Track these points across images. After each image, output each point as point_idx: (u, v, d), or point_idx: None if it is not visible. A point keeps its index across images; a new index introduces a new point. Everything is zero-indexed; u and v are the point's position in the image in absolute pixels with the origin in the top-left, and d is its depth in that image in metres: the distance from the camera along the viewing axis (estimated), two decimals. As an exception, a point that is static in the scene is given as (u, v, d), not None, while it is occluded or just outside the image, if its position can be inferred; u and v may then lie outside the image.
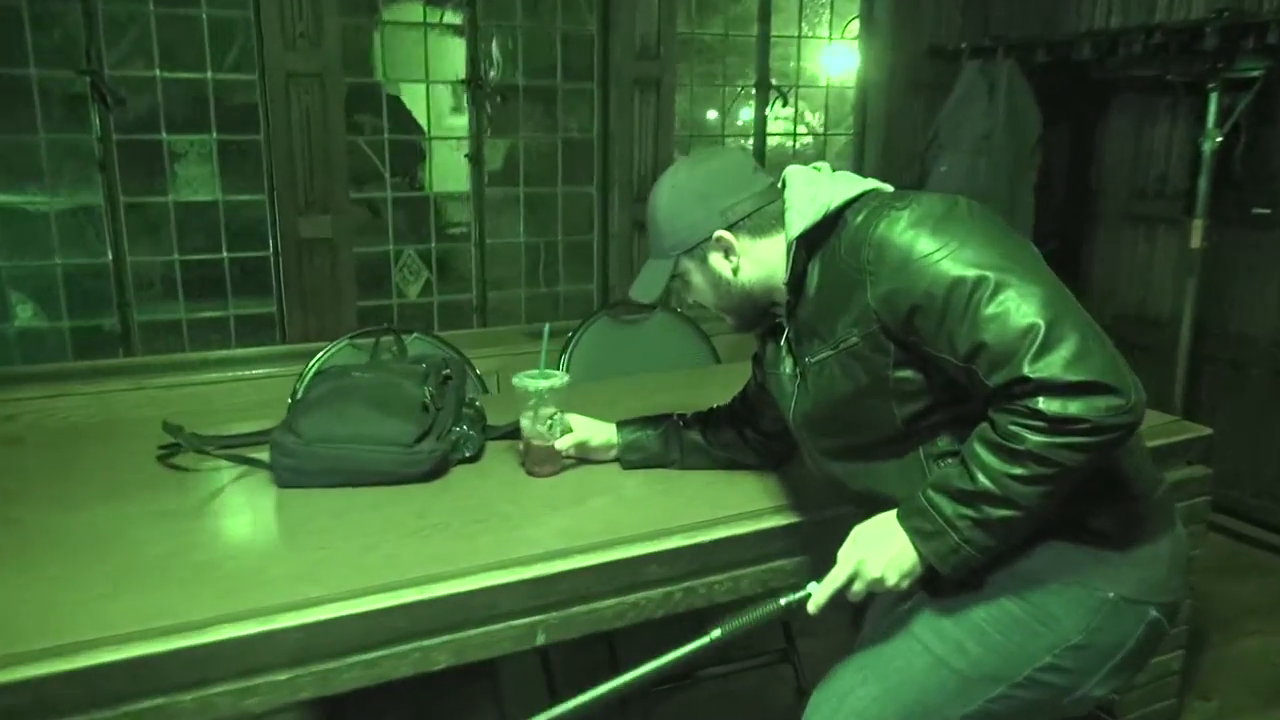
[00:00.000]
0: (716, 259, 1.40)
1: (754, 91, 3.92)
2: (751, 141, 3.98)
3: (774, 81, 3.91)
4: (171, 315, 3.07)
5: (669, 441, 1.76)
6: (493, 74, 3.43)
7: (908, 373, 1.27)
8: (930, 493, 1.23)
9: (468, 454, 1.79)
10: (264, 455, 1.71)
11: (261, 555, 1.44)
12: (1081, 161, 3.78)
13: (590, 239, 3.76)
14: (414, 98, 3.38)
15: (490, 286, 3.58)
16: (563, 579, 1.42)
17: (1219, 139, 3.04)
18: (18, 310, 2.87)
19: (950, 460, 1.28)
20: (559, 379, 1.73)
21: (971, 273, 1.16)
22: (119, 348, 2.98)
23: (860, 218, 1.29)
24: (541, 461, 1.73)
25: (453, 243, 3.55)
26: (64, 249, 2.90)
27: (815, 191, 1.35)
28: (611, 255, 3.71)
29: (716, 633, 1.16)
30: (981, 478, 1.17)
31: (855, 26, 3.99)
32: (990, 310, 1.14)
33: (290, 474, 1.67)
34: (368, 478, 1.66)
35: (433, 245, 3.47)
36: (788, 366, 1.46)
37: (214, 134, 3.01)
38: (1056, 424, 1.10)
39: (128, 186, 2.93)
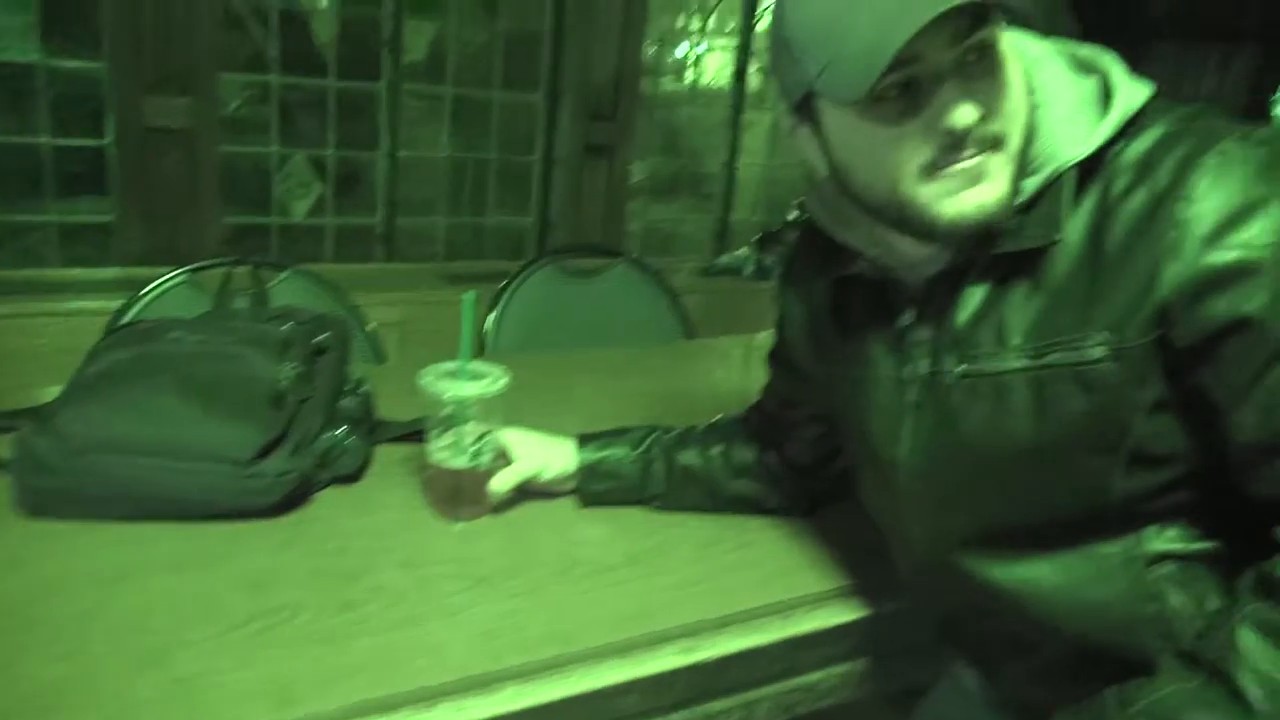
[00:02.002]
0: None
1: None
2: (736, 55, 3.32)
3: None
4: (-33, 215, 2.32)
5: (650, 467, 1.19)
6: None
7: (1163, 424, 0.75)
8: (1169, 705, 0.71)
9: (343, 471, 1.18)
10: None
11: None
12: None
13: (530, 161, 3.14)
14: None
15: (401, 210, 2.92)
16: (486, 730, 0.85)
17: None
18: None
19: (1172, 569, 0.78)
20: (494, 380, 1.12)
21: None
22: (-113, 253, 2.23)
23: (1149, 142, 0.74)
24: (459, 501, 1.13)
25: (356, 150, 2.87)
26: None
27: (1088, 85, 0.78)
28: (555, 184, 3.10)
29: None
30: (1261, 700, 0.66)
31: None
32: None
33: (44, 498, 1.04)
34: (178, 510, 1.05)
35: (329, 152, 2.81)
36: (887, 366, 0.89)
37: (32, -29, 2.26)
38: None
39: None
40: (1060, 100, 0.77)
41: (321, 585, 0.97)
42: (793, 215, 3.06)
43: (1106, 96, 0.77)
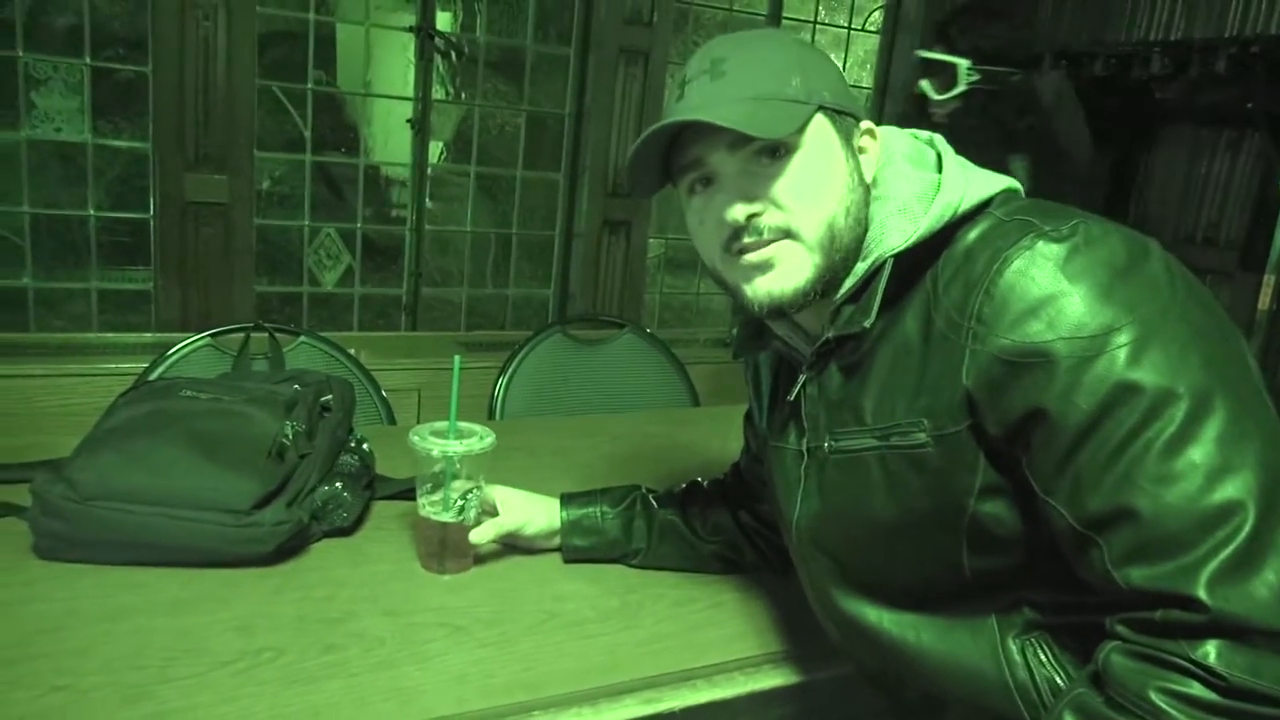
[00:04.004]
0: (867, 144, 0.88)
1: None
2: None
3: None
4: (14, 282, 2.45)
5: (632, 524, 1.23)
6: (449, 21, 2.87)
7: (998, 508, 0.77)
8: None
9: (338, 524, 1.23)
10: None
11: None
12: (1120, 198, 3.32)
13: (551, 235, 3.21)
14: (351, 42, 2.80)
15: (425, 281, 3.01)
16: (448, 770, 0.89)
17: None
18: None
19: (1040, 640, 0.80)
20: (480, 439, 1.18)
21: (1155, 382, 0.67)
22: (-60, 318, 2.37)
23: (975, 235, 0.78)
24: (445, 554, 1.18)
25: (384, 224, 2.97)
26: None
27: (930, 180, 0.83)
28: (575, 257, 3.17)
29: None
30: None
31: (879, 18, 3.50)
32: (1169, 462, 0.65)
33: (55, 542, 1.11)
34: (178, 556, 1.11)
35: (359, 226, 2.90)
36: (792, 439, 0.94)
37: (88, 59, 2.41)
38: (1239, 698, 0.61)
39: (-33, 115, 2.32)
40: (896, 195, 0.83)
41: (306, 629, 1.02)
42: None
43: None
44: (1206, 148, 3.15)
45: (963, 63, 2.07)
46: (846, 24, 3.53)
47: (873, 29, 3.53)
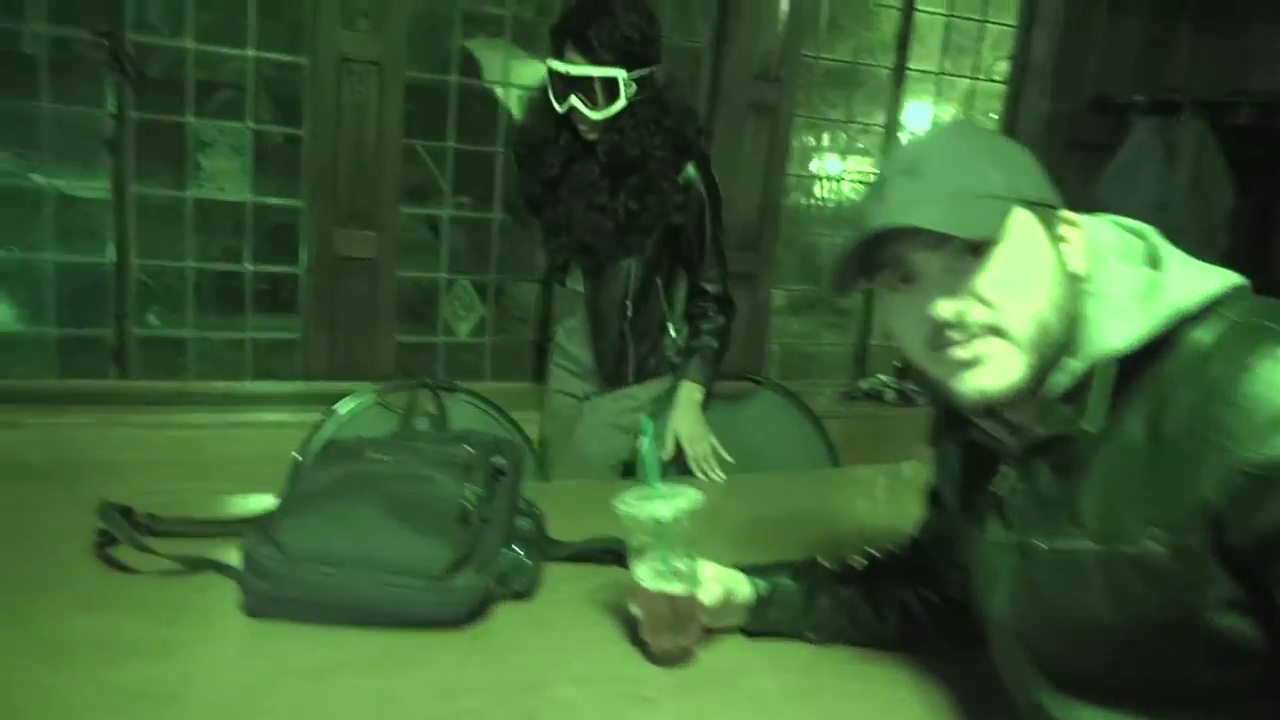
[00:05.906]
0: (1069, 233, 0.86)
1: (881, 132, 3.39)
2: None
3: (905, 124, 3.38)
4: (177, 332, 2.59)
5: (814, 600, 1.21)
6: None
7: (1238, 620, 0.74)
8: None
9: (517, 588, 1.26)
10: (235, 558, 1.20)
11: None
12: (1266, 249, 3.20)
13: (676, 287, 3.22)
14: (490, 100, 2.90)
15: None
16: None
17: None
18: (-4, 309, 2.43)
19: None
20: (689, 497, 1.13)
21: None
22: (110, 366, 2.51)
23: (1209, 339, 0.75)
24: (679, 628, 1.12)
25: (516, 275, 3.04)
26: (59, 241, 2.44)
27: (1146, 276, 0.81)
28: (699, 308, 3.16)
29: None
30: None
31: (1006, 67, 3.47)
32: None
33: (263, 601, 1.16)
34: (376, 617, 1.15)
35: (491, 276, 2.96)
36: (992, 529, 0.92)
37: (249, 122, 2.56)
38: None
39: (141, 175, 2.47)
40: (1110, 292, 0.81)
41: (503, 694, 1.05)
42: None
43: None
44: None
45: (621, 73, 1.86)
46: (971, 74, 3.51)
47: (998, 79, 3.50)
